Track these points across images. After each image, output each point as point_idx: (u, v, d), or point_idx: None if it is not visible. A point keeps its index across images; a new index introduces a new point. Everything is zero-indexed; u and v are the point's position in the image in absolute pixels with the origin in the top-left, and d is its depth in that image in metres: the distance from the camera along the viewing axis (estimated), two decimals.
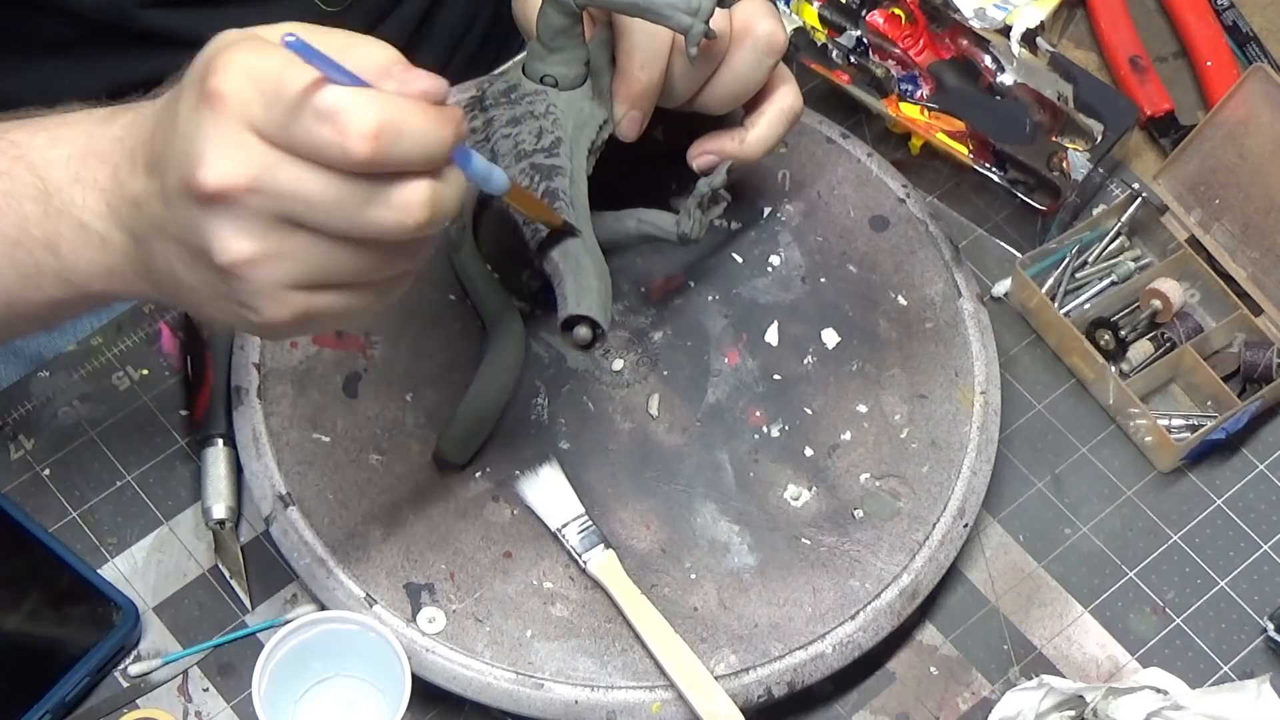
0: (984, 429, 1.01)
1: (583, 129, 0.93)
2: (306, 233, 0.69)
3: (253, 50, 0.69)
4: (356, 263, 0.71)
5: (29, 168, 0.76)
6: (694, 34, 0.89)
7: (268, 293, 0.70)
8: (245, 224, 0.69)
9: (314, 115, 0.66)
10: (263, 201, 0.68)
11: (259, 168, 0.68)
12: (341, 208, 0.68)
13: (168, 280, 0.74)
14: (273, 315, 0.71)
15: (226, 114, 0.68)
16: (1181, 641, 1.01)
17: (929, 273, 1.06)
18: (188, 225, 0.70)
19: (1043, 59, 1.12)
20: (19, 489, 1.01)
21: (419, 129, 0.67)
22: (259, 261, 0.69)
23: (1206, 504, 1.05)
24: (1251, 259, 1.09)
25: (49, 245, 0.76)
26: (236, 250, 0.69)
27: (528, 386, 1.01)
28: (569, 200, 0.91)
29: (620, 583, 0.95)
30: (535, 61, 0.93)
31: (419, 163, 0.68)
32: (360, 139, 0.66)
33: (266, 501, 0.96)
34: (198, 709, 0.96)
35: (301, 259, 0.70)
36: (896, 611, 0.96)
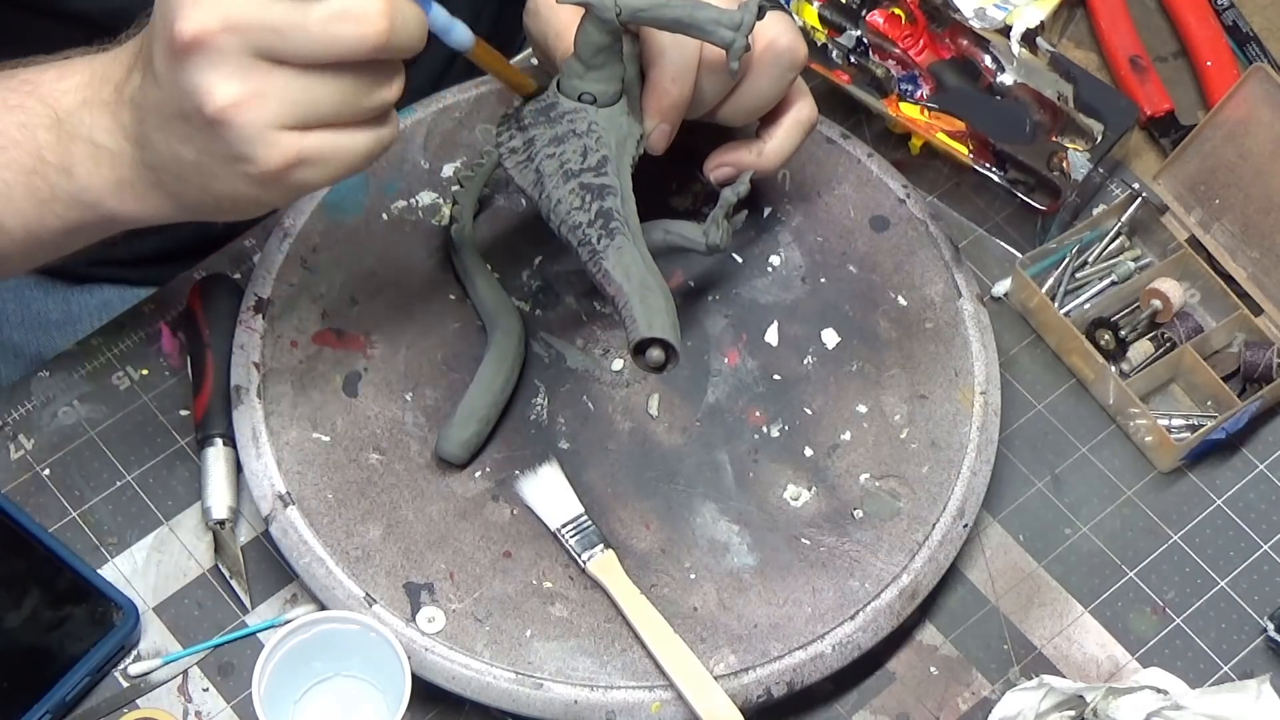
0: (984, 429, 1.01)
1: (624, 146, 0.93)
2: (284, 68, 0.75)
3: None
4: (336, 93, 0.77)
5: (40, 100, 0.81)
6: (736, 49, 0.89)
7: (258, 136, 0.75)
8: (225, 67, 0.74)
9: None
10: (236, 40, 0.74)
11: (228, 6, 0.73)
12: (305, 29, 0.74)
13: (171, 169, 0.79)
14: (268, 161, 0.76)
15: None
16: (1181, 641, 1.01)
17: (929, 273, 1.06)
18: (175, 87, 0.75)
19: (1043, 59, 1.12)
20: (19, 489, 1.01)
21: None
22: (244, 102, 0.75)
23: (1206, 504, 1.05)
24: (1251, 259, 1.09)
25: (63, 168, 0.81)
26: (221, 94, 0.74)
27: (528, 386, 1.01)
28: (624, 220, 0.91)
29: (620, 582, 0.95)
30: (573, 79, 0.92)
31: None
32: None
33: (266, 501, 0.96)
34: (198, 709, 0.96)
35: (284, 94, 0.75)
36: (896, 611, 0.96)
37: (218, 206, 0.82)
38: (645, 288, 0.89)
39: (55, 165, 0.81)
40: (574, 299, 1.04)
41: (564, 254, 1.05)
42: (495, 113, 1.09)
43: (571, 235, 0.91)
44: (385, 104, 0.79)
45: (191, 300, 1.04)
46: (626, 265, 0.90)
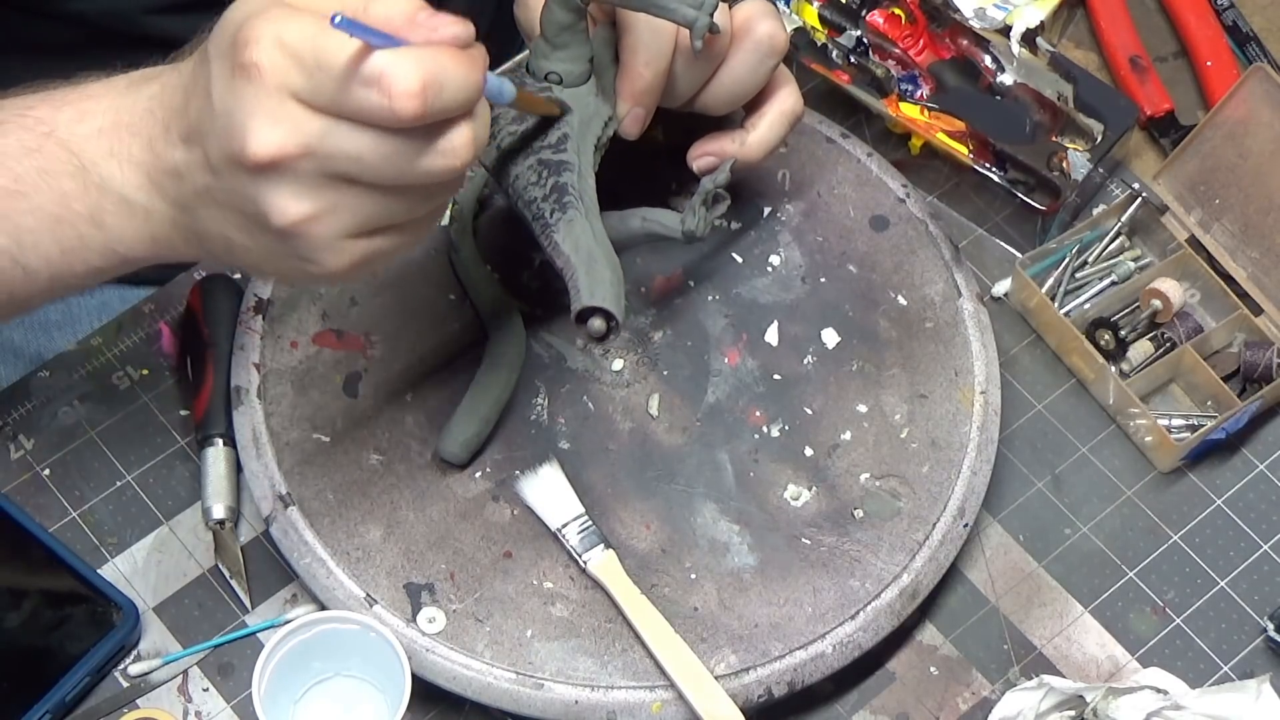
0: (984, 429, 1.01)
1: (588, 125, 0.93)
2: (359, 185, 0.72)
3: (280, 19, 0.70)
4: (406, 204, 0.74)
5: (60, 144, 0.77)
6: (698, 27, 0.89)
7: (326, 245, 0.74)
8: (299, 186, 0.72)
9: (360, 82, 0.69)
10: (315, 164, 0.71)
11: (308, 134, 0.70)
12: (393, 161, 0.72)
13: (219, 244, 0.76)
14: (332, 265, 0.74)
15: (265, 84, 0.69)
16: (1181, 641, 1.01)
17: (929, 273, 1.06)
18: (240, 193, 0.72)
19: (1043, 59, 1.12)
20: (19, 489, 1.01)
21: (457, 78, 0.70)
22: (316, 218, 0.72)
23: (1206, 504, 1.05)
24: (1251, 259, 1.09)
25: (92, 219, 0.78)
26: (295, 212, 0.72)
27: (528, 386, 1.01)
28: (578, 195, 0.91)
29: (620, 583, 0.95)
30: (539, 59, 0.93)
31: (460, 108, 0.71)
32: (407, 99, 0.69)
33: (266, 501, 0.96)
34: (198, 709, 0.96)
35: (356, 209, 0.73)
36: (896, 611, 0.96)
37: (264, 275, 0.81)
38: (592, 259, 0.90)
39: (84, 216, 0.78)
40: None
41: None
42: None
43: (526, 210, 0.92)
44: (446, 202, 0.79)
45: (191, 300, 1.04)
46: (576, 237, 0.90)
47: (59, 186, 0.77)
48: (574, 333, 1.03)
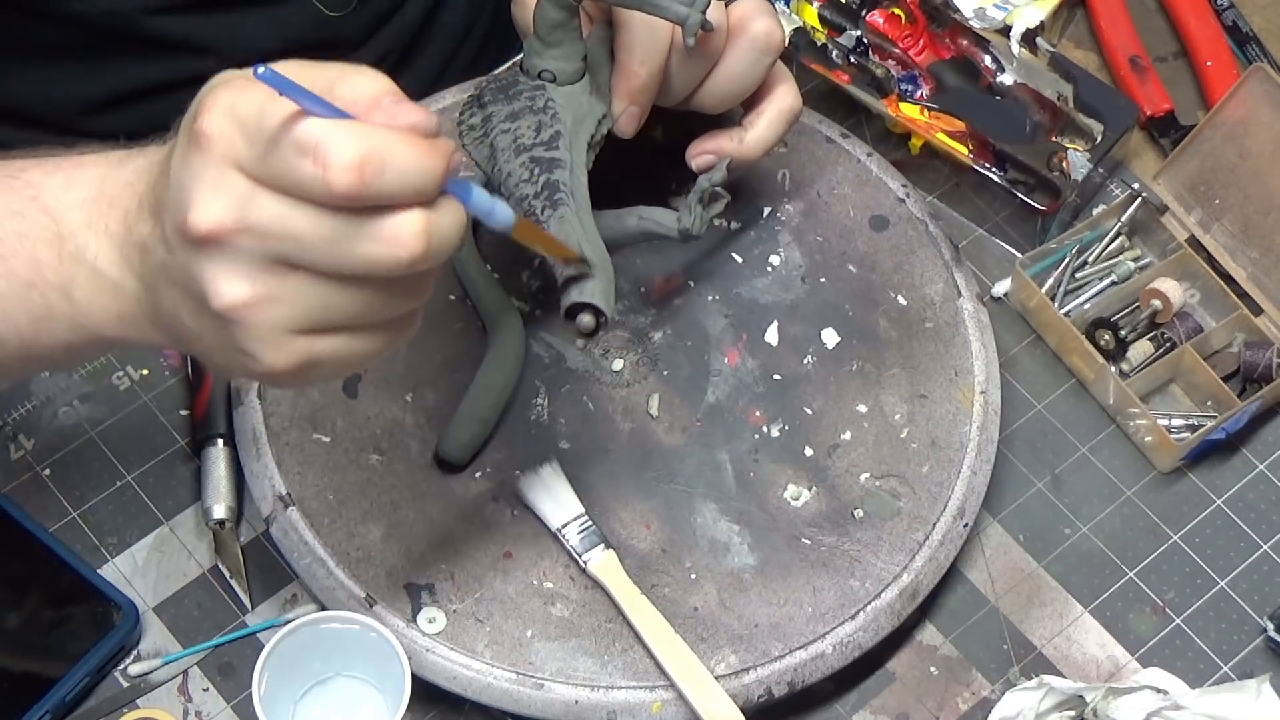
0: (984, 429, 1.01)
1: (581, 123, 0.94)
2: (301, 273, 0.67)
3: (237, 88, 0.67)
4: (356, 303, 0.69)
5: (43, 209, 0.74)
6: (690, 24, 0.89)
7: (266, 338, 0.68)
8: (238, 266, 0.67)
9: (294, 149, 0.65)
10: (252, 241, 0.66)
11: (244, 206, 0.66)
12: (330, 243, 0.66)
13: (174, 326, 0.72)
14: (274, 362, 0.69)
15: (212, 153, 0.66)
16: (1181, 641, 1.01)
17: (929, 273, 1.06)
18: (185, 270, 0.68)
19: (1043, 59, 1.12)
20: (19, 489, 1.01)
21: (405, 160, 0.65)
22: (254, 305, 0.67)
23: (1206, 504, 1.05)
24: (1251, 259, 1.09)
25: (63, 290, 0.74)
26: (230, 294, 0.67)
27: (528, 386, 1.01)
28: (569, 191, 0.91)
29: (620, 583, 0.95)
30: (533, 57, 0.94)
31: (407, 195, 0.66)
32: (341, 171, 0.64)
33: (266, 501, 0.96)
34: (198, 709, 0.96)
35: (297, 301, 0.68)
36: (896, 611, 0.96)
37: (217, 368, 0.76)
38: (581, 255, 0.90)
39: (55, 284, 0.74)
40: None
41: None
42: None
43: (518, 207, 0.92)
44: (410, 311, 0.71)
45: None
46: (566, 234, 0.90)
47: (35, 252, 0.74)
48: (574, 332, 1.03)
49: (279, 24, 1.10)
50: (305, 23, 1.10)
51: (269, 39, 1.10)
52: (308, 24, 1.11)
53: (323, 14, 1.11)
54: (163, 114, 1.11)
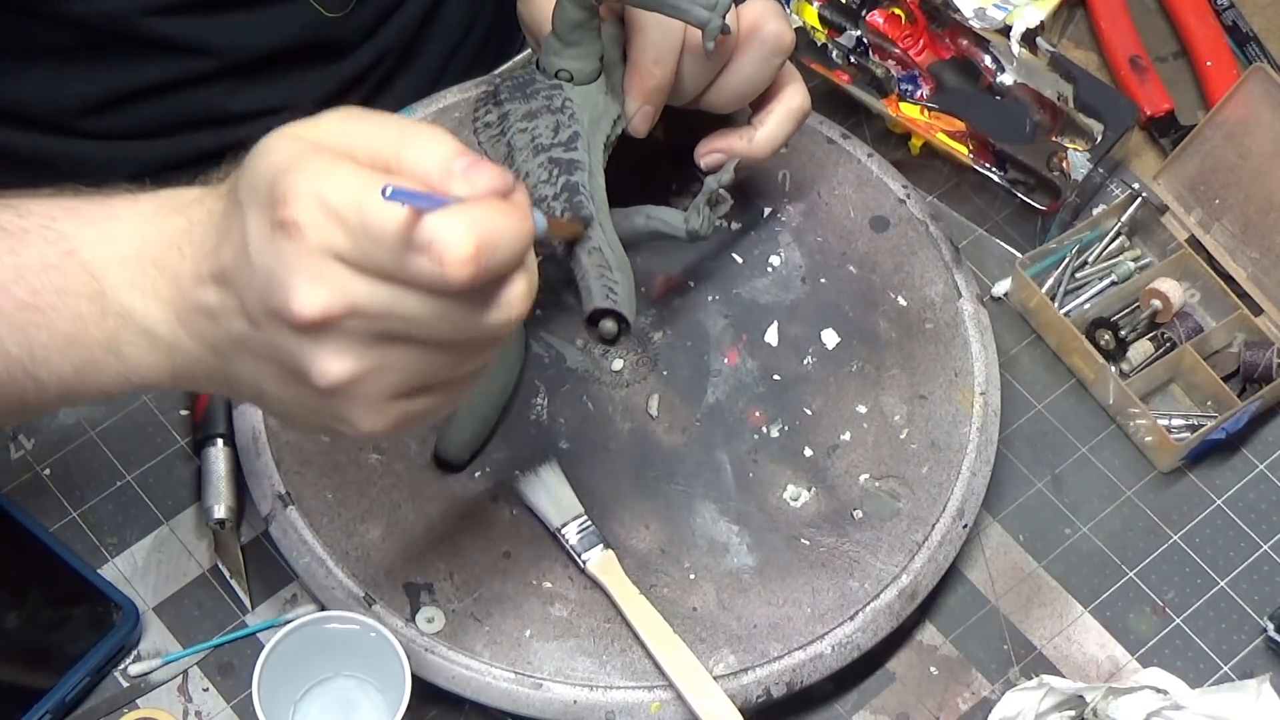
0: (984, 429, 1.01)
1: (598, 124, 0.94)
2: (403, 343, 0.68)
3: (320, 174, 0.66)
4: (453, 361, 0.70)
5: (81, 265, 0.73)
6: (711, 29, 0.89)
7: (367, 406, 0.69)
8: (344, 345, 0.67)
9: (410, 249, 0.64)
10: (359, 324, 0.67)
11: (355, 295, 0.66)
12: (448, 322, 0.67)
13: (249, 389, 0.72)
14: (370, 426, 0.70)
15: (307, 244, 0.65)
16: (1181, 641, 1.01)
17: (929, 273, 1.06)
18: (280, 348, 0.68)
19: (1043, 59, 1.12)
20: (19, 489, 1.01)
21: (509, 237, 0.66)
22: (361, 379, 0.68)
23: (1206, 504, 1.05)
24: (1251, 259, 1.09)
25: (108, 346, 0.73)
26: (338, 372, 0.67)
27: (528, 386, 1.01)
28: (589, 194, 0.91)
29: (619, 583, 0.95)
30: (550, 56, 0.93)
31: (514, 264, 0.67)
32: (460, 265, 0.64)
33: (266, 501, 0.96)
34: (198, 709, 0.96)
35: (404, 369, 0.69)
36: (896, 612, 0.96)
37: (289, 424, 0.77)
38: (604, 261, 0.90)
39: (99, 340, 0.73)
40: (574, 298, 1.04)
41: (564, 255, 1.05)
42: None
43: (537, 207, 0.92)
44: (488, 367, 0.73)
45: None
46: (587, 238, 0.90)
47: (76, 308, 0.73)
48: (574, 332, 1.03)
49: (278, 24, 1.10)
50: (304, 23, 1.11)
51: (268, 40, 1.10)
52: (307, 24, 1.11)
53: (321, 14, 1.11)
54: (162, 114, 1.12)
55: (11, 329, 0.73)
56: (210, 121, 1.13)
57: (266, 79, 1.12)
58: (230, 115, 1.13)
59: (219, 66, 1.10)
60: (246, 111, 1.13)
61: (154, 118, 1.12)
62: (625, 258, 0.92)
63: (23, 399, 0.76)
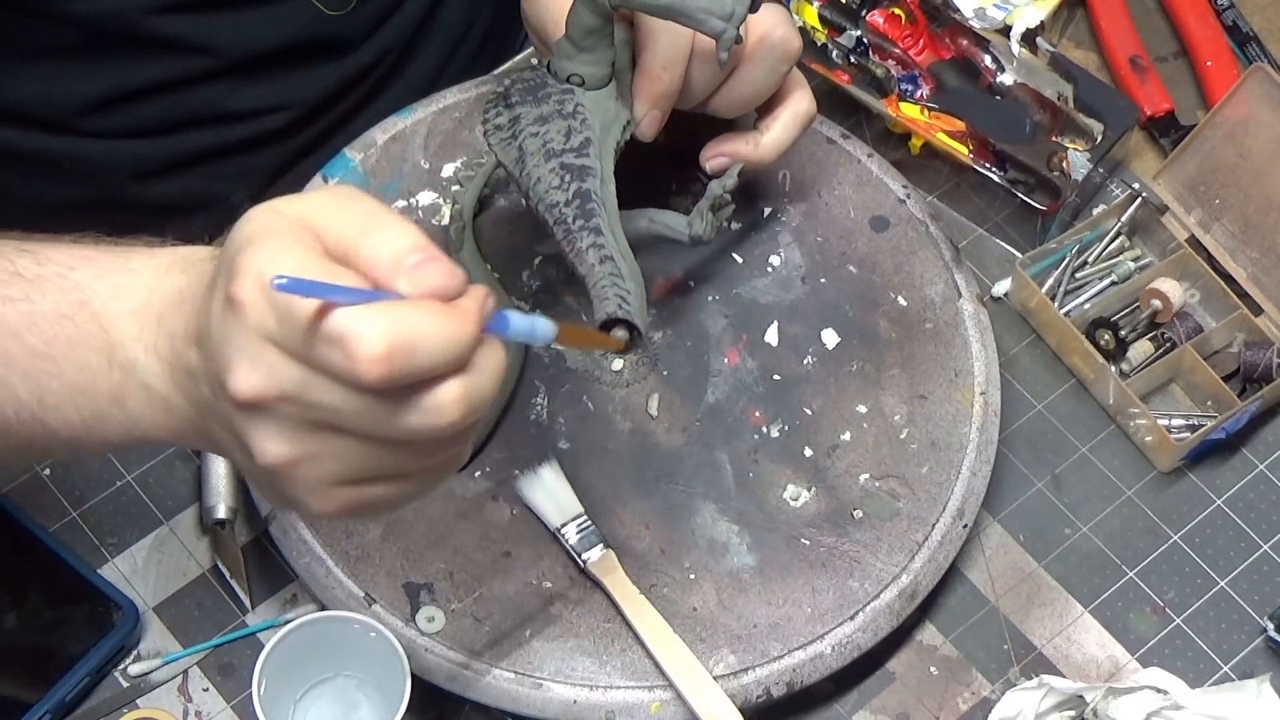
0: (984, 429, 1.01)
1: (609, 129, 0.93)
2: (343, 434, 0.67)
3: (268, 253, 0.65)
4: (397, 458, 0.68)
5: (93, 316, 0.74)
6: (726, 39, 0.89)
7: (312, 490, 0.69)
8: (280, 428, 0.67)
9: (323, 339, 0.64)
10: (293, 410, 0.66)
11: (283, 381, 0.65)
12: (370, 417, 0.66)
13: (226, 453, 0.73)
14: (320, 509, 0.70)
15: (246, 324, 0.65)
16: (1181, 641, 1.01)
17: (929, 273, 1.06)
18: (229, 421, 0.69)
19: (1043, 59, 1.12)
20: (19, 489, 1.01)
21: (434, 339, 0.64)
22: (298, 463, 0.68)
23: (1206, 504, 1.05)
24: (1251, 259, 1.09)
25: (114, 399, 0.74)
26: (274, 453, 0.67)
27: (528, 386, 1.01)
28: (600, 201, 0.91)
29: (619, 583, 0.95)
30: (563, 60, 0.93)
31: (442, 368, 0.64)
32: (370, 363, 0.63)
33: (266, 501, 0.96)
34: (198, 709, 0.96)
35: (341, 459, 0.68)
36: (896, 612, 0.96)
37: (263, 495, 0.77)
38: (616, 269, 0.90)
39: (106, 393, 0.74)
40: (574, 299, 1.04)
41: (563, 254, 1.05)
42: None
43: (548, 214, 0.92)
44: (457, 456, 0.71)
45: None
46: (600, 246, 0.90)
47: (85, 359, 0.74)
48: None
49: (278, 23, 1.10)
50: (304, 21, 1.11)
51: (268, 38, 1.10)
52: (307, 23, 1.11)
53: (322, 13, 1.11)
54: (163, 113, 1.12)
55: (24, 376, 0.74)
56: (211, 120, 1.13)
57: (267, 77, 1.12)
58: (231, 113, 1.13)
59: (220, 65, 1.10)
60: (247, 110, 1.13)
61: (155, 116, 1.12)
62: (636, 266, 0.91)
63: (31, 443, 0.76)
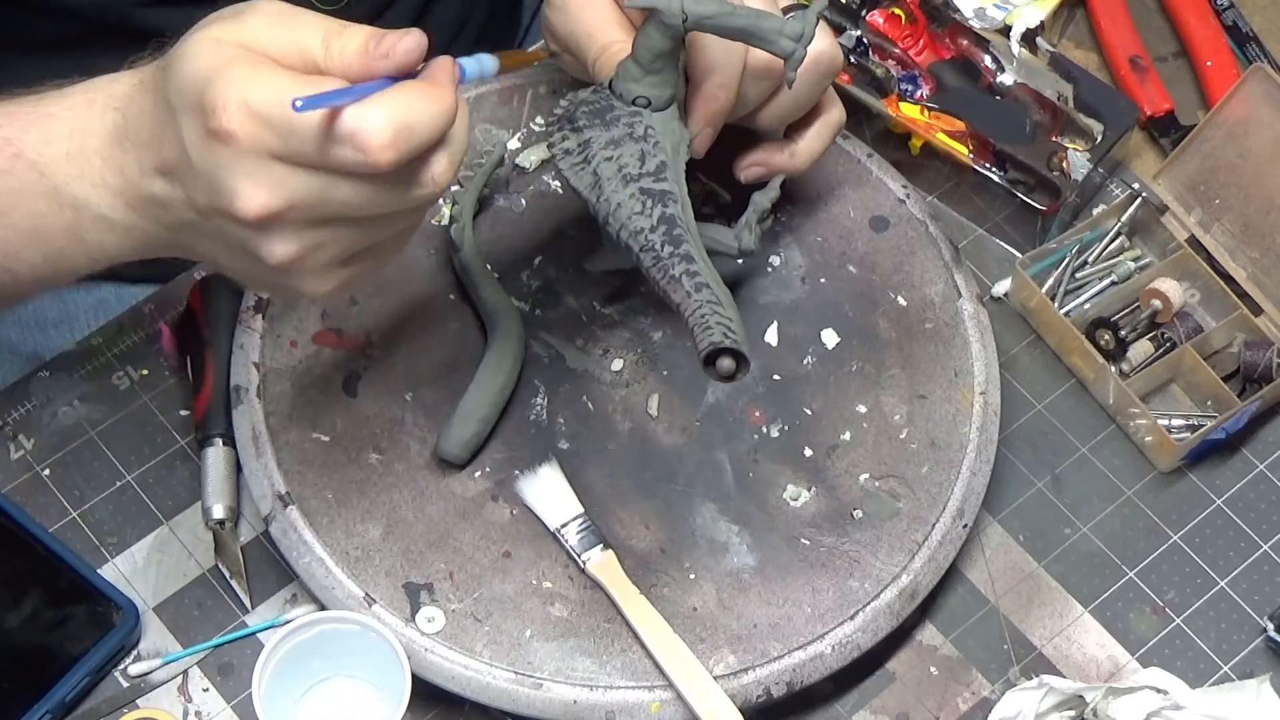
0: (984, 429, 1.01)
1: (678, 151, 0.93)
2: (343, 221, 0.74)
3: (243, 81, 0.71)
4: (390, 227, 0.76)
5: (29, 165, 0.78)
6: (795, 59, 0.88)
7: (313, 275, 0.76)
8: (288, 231, 0.74)
9: (335, 142, 0.70)
10: (302, 212, 0.73)
11: (293, 190, 0.72)
12: (378, 201, 0.73)
13: (208, 259, 0.79)
14: (317, 290, 0.77)
15: (242, 148, 0.71)
16: (1181, 641, 1.01)
17: (929, 273, 1.06)
18: (230, 237, 0.74)
19: (1043, 59, 1.12)
20: (19, 489, 1.01)
21: (426, 112, 0.71)
22: (305, 255, 0.75)
23: (1206, 504, 1.05)
24: (1251, 259, 1.09)
25: (71, 235, 0.79)
26: (284, 253, 0.74)
27: (528, 386, 1.01)
28: (685, 226, 0.90)
29: (619, 582, 0.95)
30: (629, 82, 0.91)
31: (435, 139, 0.72)
32: (381, 150, 0.70)
33: (266, 501, 0.96)
34: (198, 709, 0.96)
35: (343, 241, 0.75)
36: (896, 612, 0.96)
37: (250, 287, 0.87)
38: (714, 296, 0.89)
39: (61, 231, 0.79)
40: (574, 299, 1.04)
41: (563, 254, 1.05)
42: (495, 113, 1.09)
43: (633, 240, 0.90)
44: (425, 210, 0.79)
45: (191, 300, 1.04)
46: (695, 274, 0.89)
47: (32, 206, 0.78)
48: (574, 332, 1.03)
49: None
50: None
51: None
52: None
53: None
54: None
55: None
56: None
57: None
58: None
59: None
60: None
61: None
62: (728, 291, 0.90)
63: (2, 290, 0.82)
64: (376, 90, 0.71)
